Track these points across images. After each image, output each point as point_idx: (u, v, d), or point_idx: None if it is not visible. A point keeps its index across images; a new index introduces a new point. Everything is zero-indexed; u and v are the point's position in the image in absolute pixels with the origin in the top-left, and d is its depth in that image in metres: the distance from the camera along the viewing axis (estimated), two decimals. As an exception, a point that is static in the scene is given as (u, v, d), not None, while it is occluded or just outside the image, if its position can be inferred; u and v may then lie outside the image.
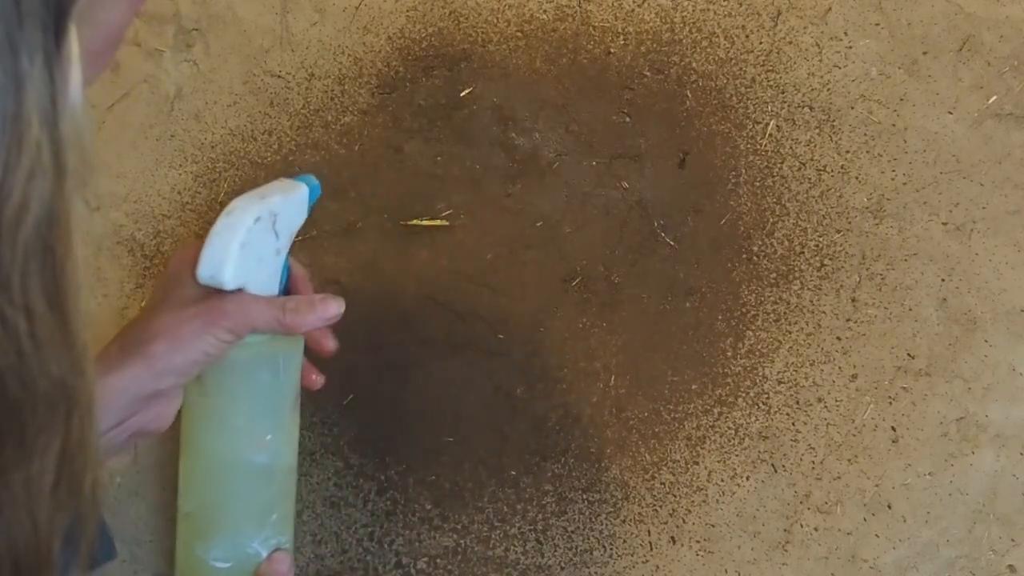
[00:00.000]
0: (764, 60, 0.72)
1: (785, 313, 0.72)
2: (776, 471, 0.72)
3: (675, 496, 0.73)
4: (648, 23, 0.74)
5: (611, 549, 0.74)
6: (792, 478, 0.72)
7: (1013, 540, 0.70)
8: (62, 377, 0.37)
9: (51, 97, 0.34)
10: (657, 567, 0.73)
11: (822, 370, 0.72)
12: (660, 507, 0.73)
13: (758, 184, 0.73)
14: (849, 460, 0.72)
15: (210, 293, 0.61)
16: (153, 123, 0.79)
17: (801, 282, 0.72)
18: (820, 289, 0.72)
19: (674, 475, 0.73)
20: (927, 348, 0.71)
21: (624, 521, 0.74)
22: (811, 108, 0.72)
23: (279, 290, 0.64)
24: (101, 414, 0.42)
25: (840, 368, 0.72)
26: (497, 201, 0.75)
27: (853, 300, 0.72)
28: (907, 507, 0.71)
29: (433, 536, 0.75)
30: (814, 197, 0.72)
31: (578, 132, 0.74)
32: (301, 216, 0.65)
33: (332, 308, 0.63)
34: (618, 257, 0.74)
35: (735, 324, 0.73)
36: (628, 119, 0.74)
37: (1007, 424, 0.70)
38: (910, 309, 0.71)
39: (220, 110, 0.78)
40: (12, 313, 0.34)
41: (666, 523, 0.73)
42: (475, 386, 0.75)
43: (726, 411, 0.73)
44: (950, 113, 0.71)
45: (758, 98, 0.73)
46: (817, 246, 0.72)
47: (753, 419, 0.73)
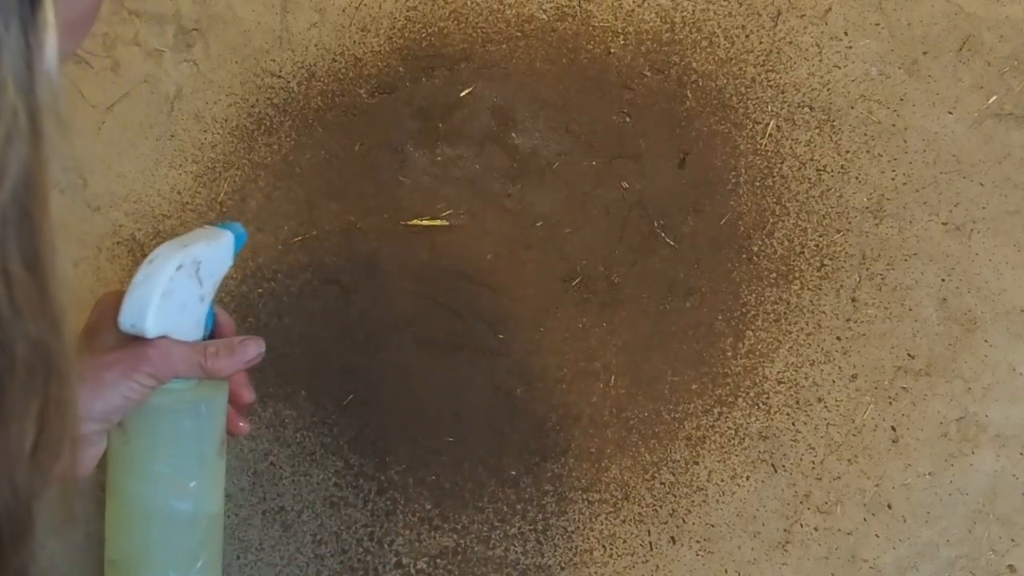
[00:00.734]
0: (764, 60, 0.72)
1: (785, 313, 0.72)
2: (776, 471, 0.72)
3: (675, 496, 0.73)
4: (648, 23, 0.74)
5: (611, 549, 0.74)
6: (792, 478, 0.72)
7: (1013, 540, 0.70)
8: (40, 339, 0.37)
9: (27, 62, 0.34)
10: (657, 567, 0.73)
11: (822, 370, 0.72)
12: (660, 507, 0.73)
13: (758, 184, 0.73)
14: (849, 460, 0.72)
15: (131, 338, 0.61)
16: (153, 123, 0.79)
17: (801, 282, 0.72)
18: (820, 289, 0.72)
19: (674, 475, 0.73)
20: (927, 348, 0.71)
21: (624, 521, 0.74)
22: (811, 108, 0.72)
23: (203, 336, 0.64)
24: (79, 377, 0.42)
25: (840, 368, 0.72)
26: (497, 201, 0.75)
27: (853, 300, 0.72)
28: (907, 507, 0.71)
29: (433, 536, 0.75)
30: (814, 197, 0.72)
31: (578, 132, 0.74)
32: (226, 263, 0.65)
33: (251, 350, 0.64)
34: (618, 257, 0.74)
35: (735, 324, 0.73)
36: (628, 119, 0.74)
37: (1007, 424, 0.70)
38: (910, 309, 0.71)
39: (220, 110, 0.78)
40: None
41: (666, 523, 0.73)
42: (475, 386, 0.75)
43: (726, 411, 0.73)
44: (950, 113, 0.71)
45: (758, 98, 0.73)
46: (817, 246, 0.72)
47: (753, 419, 0.73)
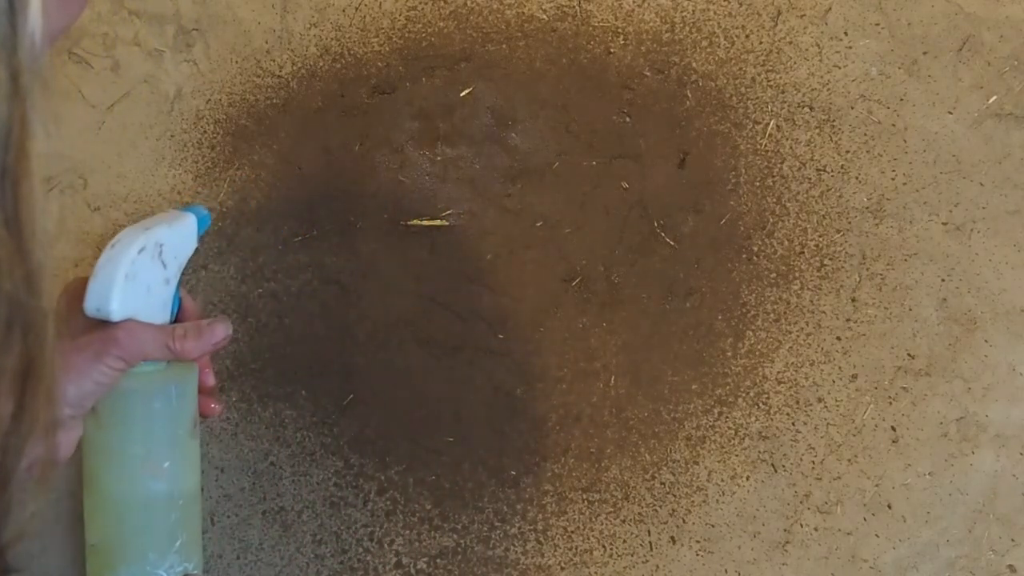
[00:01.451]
0: (764, 60, 0.72)
1: (785, 313, 0.72)
2: (776, 471, 0.72)
3: (675, 496, 0.73)
4: (648, 23, 0.74)
5: (611, 549, 0.74)
6: (792, 478, 0.72)
7: (1013, 540, 0.70)
8: (17, 295, 0.38)
9: (10, 23, 0.35)
10: (657, 567, 0.73)
11: (822, 370, 0.72)
12: (660, 507, 0.73)
13: (758, 184, 0.73)
14: (849, 460, 0.72)
15: (100, 324, 0.62)
16: (153, 123, 0.79)
17: (801, 282, 0.72)
18: (820, 289, 0.72)
19: (674, 475, 0.73)
20: (927, 348, 0.71)
21: (624, 521, 0.74)
22: (811, 108, 0.72)
23: (170, 319, 0.64)
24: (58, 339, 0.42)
25: (840, 368, 0.72)
26: (497, 201, 0.75)
27: (853, 300, 0.72)
28: (907, 507, 0.71)
29: (433, 536, 0.75)
30: (814, 197, 0.72)
31: (578, 132, 0.74)
32: (190, 246, 0.66)
33: (219, 332, 0.65)
34: (618, 257, 0.74)
35: (735, 324, 0.73)
36: (628, 119, 0.74)
37: (1007, 424, 0.70)
38: (910, 309, 0.71)
39: (220, 110, 0.78)
40: None
41: (666, 523, 0.73)
42: (475, 386, 0.75)
43: (726, 411, 0.73)
44: (950, 113, 0.71)
45: (758, 98, 0.73)
46: (817, 246, 0.72)
47: (753, 419, 0.73)
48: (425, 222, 0.76)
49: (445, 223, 0.76)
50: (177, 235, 0.65)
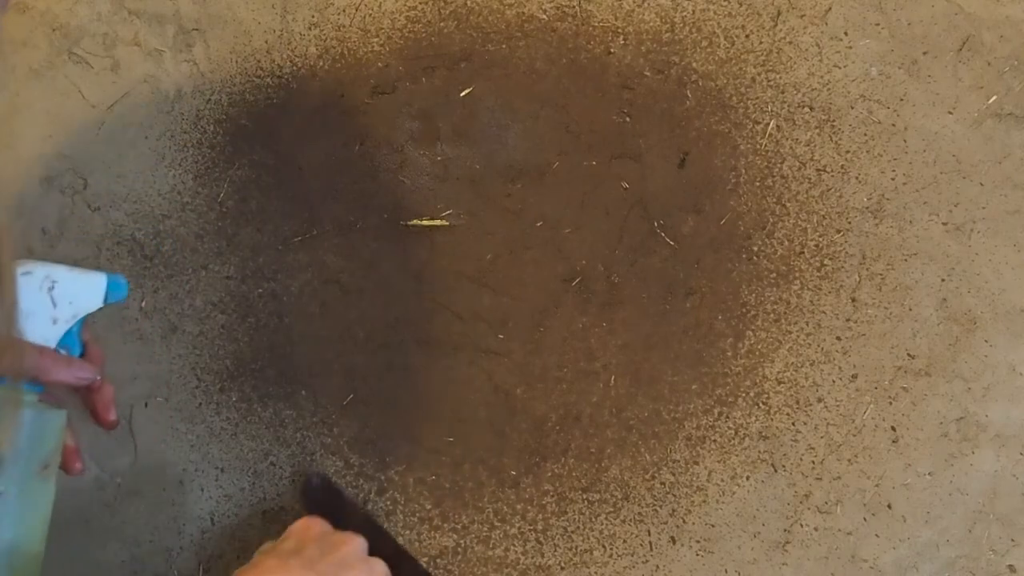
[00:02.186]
0: (764, 60, 0.72)
1: (785, 313, 0.72)
2: (776, 471, 0.72)
3: (675, 496, 0.73)
4: (648, 23, 0.74)
5: (611, 549, 0.74)
6: (792, 478, 0.72)
7: (1013, 540, 0.70)
8: None
9: None
10: (657, 567, 0.73)
11: (822, 370, 0.72)
12: (660, 507, 0.73)
13: (758, 184, 0.73)
14: (849, 460, 0.72)
15: None
16: (153, 123, 0.79)
17: (801, 282, 0.72)
18: (820, 289, 0.72)
19: (674, 475, 0.73)
20: (927, 348, 0.71)
21: (624, 521, 0.74)
22: (811, 108, 0.72)
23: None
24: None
25: (840, 368, 0.72)
26: (497, 201, 0.75)
27: (853, 300, 0.72)
28: (907, 507, 0.71)
29: (433, 536, 0.75)
30: (814, 197, 0.72)
31: (578, 132, 0.74)
32: (92, 301, 0.67)
33: (86, 371, 0.66)
34: (618, 257, 0.74)
35: (735, 324, 0.73)
36: (628, 119, 0.74)
37: (1007, 424, 0.70)
38: (910, 309, 0.71)
39: (220, 110, 0.78)
40: None
41: (666, 523, 0.73)
42: (475, 386, 0.75)
43: (726, 411, 0.73)
44: (950, 113, 0.71)
45: (758, 98, 0.73)
46: (817, 246, 0.72)
47: (753, 419, 0.73)
48: (425, 222, 0.76)
49: (445, 223, 0.76)
50: (78, 283, 0.66)
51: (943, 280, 0.71)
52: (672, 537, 0.73)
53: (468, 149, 0.76)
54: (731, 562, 0.73)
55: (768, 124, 0.73)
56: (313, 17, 0.77)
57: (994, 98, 0.70)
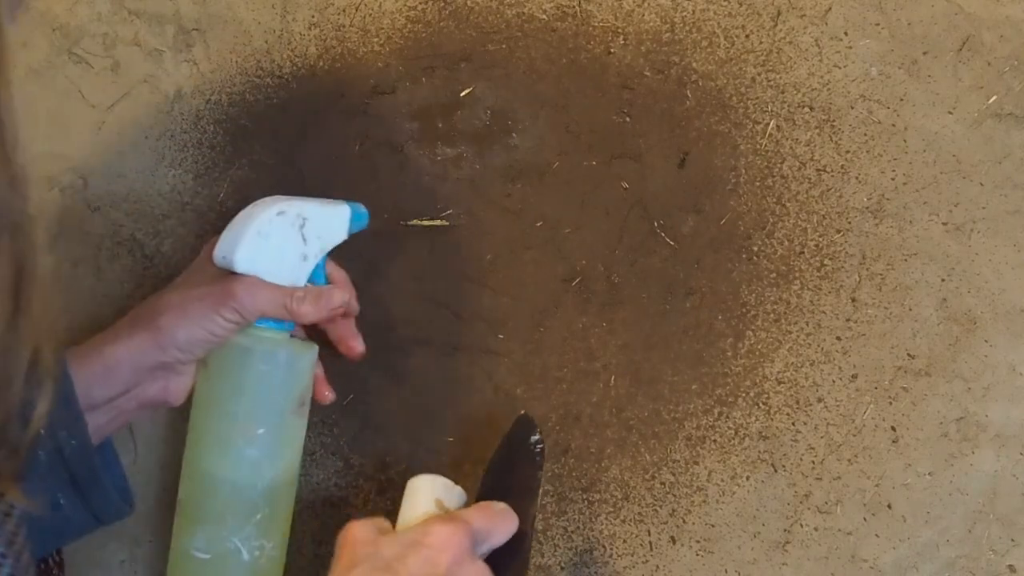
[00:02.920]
0: (764, 60, 0.72)
1: (785, 313, 0.72)
2: (776, 471, 0.72)
3: (675, 496, 0.73)
4: (648, 23, 0.74)
5: (611, 549, 0.74)
6: (792, 478, 0.72)
7: (1013, 540, 0.70)
8: (3, 199, 0.39)
9: None
10: (657, 567, 0.73)
11: (822, 370, 0.72)
12: (660, 507, 0.73)
13: (758, 184, 0.73)
14: (849, 460, 0.72)
15: (224, 276, 0.63)
16: (153, 123, 0.79)
17: (801, 282, 0.72)
18: (820, 289, 0.72)
19: (674, 475, 0.73)
20: (927, 348, 0.71)
21: (624, 521, 0.74)
22: (811, 108, 0.72)
23: None
24: (54, 295, 0.44)
25: (840, 368, 0.72)
26: (497, 201, 0.75)
27: (853, 300, 0.72)
28: (907, 507, 0.71)
29: (433, 536, 0.75)
30: (814, 197, 0.72)
31: (578, 132, 0.74)
32: (338, 234, 0.67)
33: (336, 298, 0.66)
34: (618, 257, 0.74)
35: (735, 324, 0.73)
36: (628, 119, 0.74)
37: (1007, 424, 0.70)
38: (910, 309, 0.71)
39: (220, 110, 0.78)
40: None
41: (666, 523, 0.73)
42: (475, 386, 0.75)
43: (726, 411, 0.73)
44: (950, 113, 0.71)
45: (758, 98, 0.73)
46: (817, 246, 0.72)
47: (753, 419, 0.73)
48: (425, 222, 0.76)
49: (445, 223, 0.76)
50: (325, 217, 0.66)
51: (943, 280, 0.71)
52: (672, 537, 0.73)
53: (468, 149, 0.76)
54: (731, 562, 0.73)
55: (768, 124, 0.73)
56: (313, 17, 0.77)
57: (994, 98, 0.70)
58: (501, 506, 0.57)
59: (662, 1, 0.73)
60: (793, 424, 0.72)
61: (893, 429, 0.71)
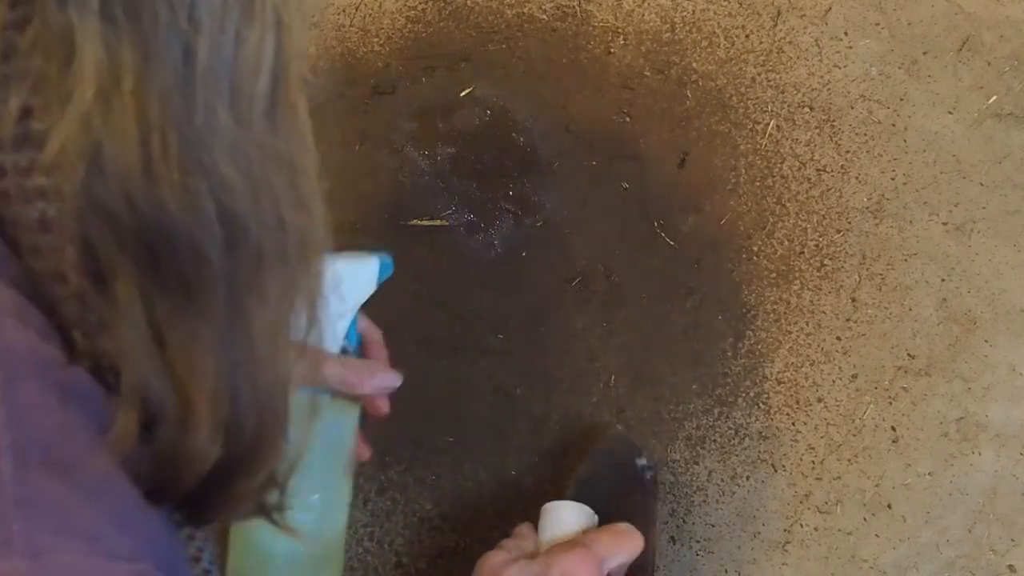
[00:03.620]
0: (764, 60, 0.72)
1: (785, 313, 0.72)
2: (776, 471, 0.72)
3: (675, 496, 0.73)
4: (648, 23, 0.74)
5: (611, 549, 0.74)
6: (792, 478, 0.72)
7: (1013, 540, 0.70)
8: (295, 223, 0.39)
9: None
10: (657, 567, 0.73)
11: (822, 370, 0.72)
12: (660, 507, 0.73)
13: (758, 184, 0.73)
14: (849, 460, 0.72)
15: None
16: (153, 123, 0.79)
17: (801, 282, 0.72)
18: (820, 289, 0.72)
19: (674, 475, 0.73)
20: (927, 348, 0.71)
21: (624, 521, 0.74)
22: (811, 108, 0.72)
23: (344, 350, 0.65)
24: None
25: (840, 368, 0.72)
26: (497, 201, 0.75)
27: (853, 300, 0.72)
28: (907, 507, 0.71)
29: (433, 536, 0.75)
30: (814, 197, 0.72)
31: (578, 132, 0.74)
32: (367, 288, 0.66)
33: (390, 379, 0.65)
34: (618, 257, 0.74)
35: (735, 324, 0.73)
36: (628, 119, 0.74)
37: (1007, 424, 0.70)
38: (910, 309, 0.71)
39: (220, 110, 0.78)
40: (249, 156, 0.37)
41: (666, 523, 0.73)
42: (475, 386, 0.75)
43: (726, 411, 0.73)
44: (950, 113, 0.71)
45: (758, 98, 0.73)
46: (817, 246, 0.72)
47: (753, 419, 0.73)
48: (425, 222, 0.76)
49: (445, 223, 0.76)
50: (356, 274, 0.66)
51: (943, 280, 0.71)
52: (672, 537, 0.73)
53: (468, 149, 0.76)
54: (731, 562, 0.73)
55: (768, 124, 0.73)
56: (313, 17, 0.77)
57: (994, 98, 0.70)
58: (625, 526, 0.60)
59: (662, 1, 0.73)
60: (793, 424, 0.72)
61: (893, 429, 0.71)
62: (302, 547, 0.63)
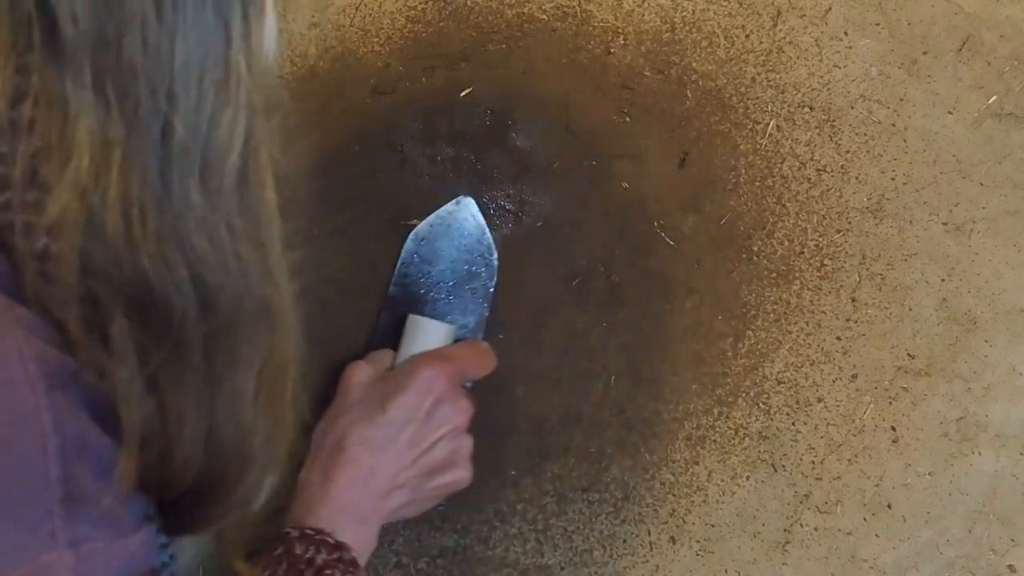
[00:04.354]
0: (764, 60, 0.72)
1: (785, 313, 0.72)
2: (776, 471, 0.72)
3: (675, 496, 0.73)
4: (648, 23, 0.74)
5: (611, 549, 0.74)
6: (792, 478, 0.72)
7: (1013, 540, 0.70)
8: (262, 293, 0.43)
9: (250, 42, 0.39)
10: (657, 567, 0.73)
11: (822, 370, 0.72)
12: (660, 507, 0.73)
13: (758, 184, 0.73)
14: (849, 460, 0.72)
15: None
16: (153, 123, 0.79)
17: (801, 282, 0.72)
18: (820, 289, 0.72)
19: (674, 475, 0.73)
20: (927, 348, 0.71)
21: (624, 521, 0.74)
22: (811, 108, 0.72)
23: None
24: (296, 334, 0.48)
25: (840, 368, 0.72)
26: (497, 201, 0.75)
27: (853, 300, 0.72)
28: (907, 507, 0.71)
29: (433, 536, 0.75)
30: (814, 197, 0.72)
31: (578, 132, 0.74)
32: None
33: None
34: (618, 257, 0.74)
35: (735, 324, 0.73)
36: (628, 119, 0.74)
37: (1007, 424, 0.70)
38: (910, 309, 0.71)
39: (220, 110, 0.78)
40: (219, 230, 0.40)
41: (666, 523, 0.73)
42: (475, 386, 0.75)
43: (726, 411, 0.73)
44: (950, 113, 0.71)
45: (758, 98, 0.73)
46: (817, 246, 0.72)
47: (753, 419, 0.73)
48: (425, 222, 0.76)
49: (445, 223, 0.76)
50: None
51: (943, 280, 0.71)
52: (672, 537, 0.73)
53: (468, 149, 0.76)
54: (731, 562, 0.73)
55: (768, 124, 0.73)
56: (313, 17, 0.77)
57: (994, 98, 0.70)
58: (484, 344, 0.70)
59: (662, 1, 0.73)
60: (793, 424, 0.72)
61: (893, 429, 0.71)
62: None
